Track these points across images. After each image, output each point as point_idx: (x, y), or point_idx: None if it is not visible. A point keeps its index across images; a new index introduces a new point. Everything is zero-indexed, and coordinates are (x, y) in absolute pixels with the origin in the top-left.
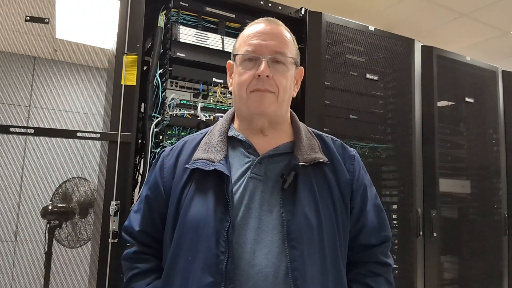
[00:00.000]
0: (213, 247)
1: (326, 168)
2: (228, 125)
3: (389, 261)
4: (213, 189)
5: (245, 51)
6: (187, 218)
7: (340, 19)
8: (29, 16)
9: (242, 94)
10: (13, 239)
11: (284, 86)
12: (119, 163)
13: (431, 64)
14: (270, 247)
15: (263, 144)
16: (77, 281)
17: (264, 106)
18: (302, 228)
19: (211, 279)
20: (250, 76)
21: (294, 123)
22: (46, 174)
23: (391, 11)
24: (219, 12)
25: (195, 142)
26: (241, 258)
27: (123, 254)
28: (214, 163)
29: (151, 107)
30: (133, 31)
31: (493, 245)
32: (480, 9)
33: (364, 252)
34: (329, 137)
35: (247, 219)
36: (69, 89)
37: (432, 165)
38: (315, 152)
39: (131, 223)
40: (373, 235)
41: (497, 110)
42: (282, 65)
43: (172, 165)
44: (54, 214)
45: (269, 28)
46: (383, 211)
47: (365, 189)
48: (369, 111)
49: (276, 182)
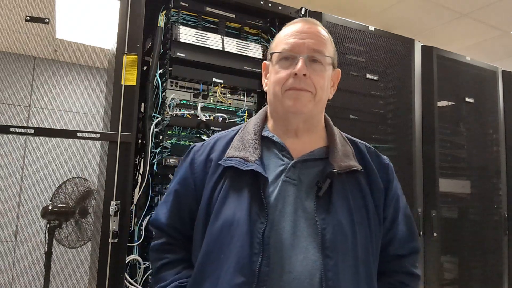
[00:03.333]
0: (247, 247)
1: (360, 176)
2: (262, 124)
3: (417, 272)
4: (248, 190)
5: (282, 49)
6: (220, 217)
7: (340, 19)
8: (29, 16)
9: (277, 92)
10: (13, 239)
11: (321, 86)
12: (119, 163)
13: (431, 64)
14: (305, 254)
15: (297, 147)
16: (77, 281)
17: (301, 104)
18: (337, 237)
19: (242, 279)
20: (286, 74)
21: (329, 127)
22: (46, 174)
23: (391, 11)
24: (219, 12)
25: (227, 139)
26: (276, 261)
27: (151, 245)
28: (249, 163)
29: (151, 107)
30: (133, 31)
31: (493, 245)
32: (480, 9)
33: (393, 262)
34: (363, 144)
35: (282, 223)
36: (69, 89)
37: (432, 165)
38: (350, 159)
39: (158, 217)
40: (402, 246)
41: (497, 110)
42: (320, 65)
43: (203, 161)
44: (54, 214)
45: (307, 27)
46: (413, 222)
47: (398, 199)
48: (369, 111)
49: (311, 188)
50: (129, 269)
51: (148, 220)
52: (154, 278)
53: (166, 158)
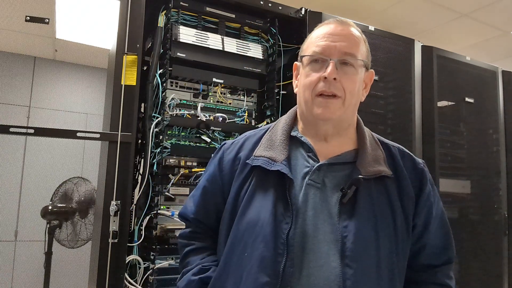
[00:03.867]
0: (271, 247)
1: (389, 182)
2: (291, 124)
3: (450, 283)
4: (274, 190)
5: (312, 52)
6: (245, 215)
7: None
8: (29, 16)
9: (307, 96)
10: (13, 239)
11: (351, 90)
12: (119, 163)
13: (431, 64)
14: (325, 260)
15: (325, 149)
16: (77, 281)
17: (330, 112)
18: (358, 246)
19: (267, 279)
20: (316, 78)
21: (360, 129)
22: (46, 174)
23: (391, 11)
24: (219, 12)
25: (256, 138)
26: (297, 264)
27: (180, 233)
28: (276, 163)
29: (151, 107)
30: (133, 31)
31: (493, 245)
32: (480, 9)
33: (424, 271)
34: (396, 147)
35: (304, 226)
36: (69, 89)
37: (432, 165)
38: (379, 164)
39: (186, 210)
40: (435, 255)
41: (497, 110)
42: (351, 68)
43: (232, 159)
44: (54, 214)
45: (340, 29)
46: (449, 229)
47: (431, 206)
48: (369, 111)
49: (335, 192)
50: (129, 269)
51: (148, 219)
52: (181, 263)
53: (166, 158)
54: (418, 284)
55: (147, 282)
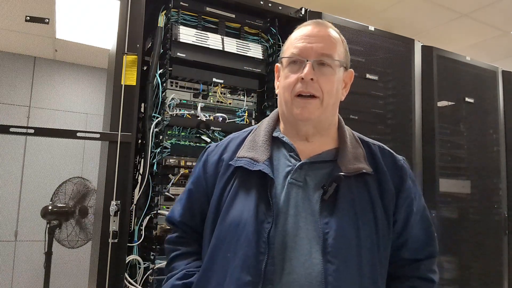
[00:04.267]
0: (254, 246)
1: (370, 179)
2: (274, 125)
3: (433, 277)
4: (256, 190)
5: (290, 53)
6: (228, 215)
7: (340, 19)
8: (29, 16)
9: (287, 97)
10: (13, 239)
11: (329, 90)
12: (119, 163)
13: (431, 64)
14: (307, 257)
15: (307, 149)
16: (77, 281)
17: (308, 112)
18: (339, 242)
19: (249, 278)
20: (294, 79)
21: (340, 129)
22: (46, 174)
23: (391, 11)
24: (219, 12)
25: (240, 139)
26: (279, 263)
27: (166, 238)
28: (258, 163)
29: (151, 107)
30: (133, 31)
31: (493, 245)
32: (480, 9)
33: (407, 266)
34: (377, 145)
35: (286, 225)
36: (69, 89)
37: (432, 165)
38: (360, 161)
39: (173, 214)
40: (417, 249)
41: (497, 110)
42: (329, 68)
43: (216, 161)
44: (54, 214)
45: (316, 31)
46: (431, 224)
47: (411, 202)
48: (369, 111)
49: (316, 190)
50: (129, 269)
51: (148, 219)
52: (167, 268)
53: (166, 158)
54: (402, 278)
55: (147, 282)
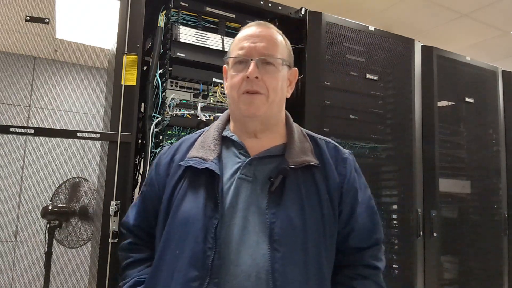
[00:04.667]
0: (201, 242)
1: (316, 171)
2: (224, 125)
3: (378, 264)
4: (205, 187)
5: (236, 54)
6: (178, 213)
7: (340, 19)
8: (29, 16)
9: (234, 96)
10: (13, 239)
11: (273, 87)
12: (119, 163)
13: (431, 64)
14: (254, 248)
15: (255, 145)
16: (77, 281)
17: (254, 108)
18: (286, 231)
19: (196, 273)
20: (240, 78)
21: (288, 125)
22: (46, 174)
23: (391, 11)
24: (219, 12)
25: (191, 140)
26: (226, 256)
27: (119, 245)
28: (206, 162)
29: (151, 107)
30: (133, 31)
31: (493, 245)
32: (480, 9)
33: (354, 254)
34: (323, 140)
35: (234, 219)
36: (69, 89)
37: (432, 165)
38: (306, 155)
39: (127, 218)
40: (363, 238)
41: (497, 110)
42: (272, 66)
43: (167, 163)
44: (54, 214)
45: (259, 31)
46: (376, 214)
47: (356, 192)
48: (369, 111)
49: (264, 184)
50: None
51: None
52: (121, 276)
53: None
54: (348, 267)
55: None
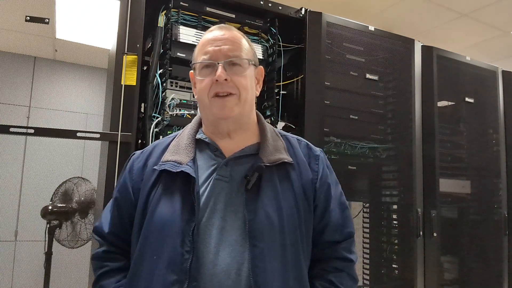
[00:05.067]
0: (178, 246)
1: (290, 168)
2: (196, 128)
3: (351, 257)
4: (180, 191)
5: (201, 59)
6: (153, 218)
7: (340, 19)
8: (29, 16)
9: (205, 100)
10: (13, 239)
11: (244, 86)
12: (119, 163)
13: (431, 64)
14: (234, 246)
15: (230, 146)
16: (77, 281)
17: (228, 110)
18: (263, 226)
19: (175, 277)
20: (209, 81)
21: (261, 124)
22: (46, 174)
23: (391, 11)
24: (219, 12)
25: (165, 145)
26: (205, 257)
27: (92, 254)
28: (181, 165)
29: (151, 107)
30: (133, 31)
31: (493, 245)
32: (480, 9)
33: (328, 248)
34: (295, 138)
35: (212, 220)
36: (69, 89)
37: (432, 165)
38: (280, 152)
39: (101, 224)
40: (336, 232)
41: (497, 110)
42: (239, 67)
43: (141, 168)
44: (54, 214)
45: (221, 34)
46: (347, 209)
47: (329, 188)
48: (369, 111)
49: (241, 183)
50: None
51: None
52: (95, 287)
53: None
54: (323, 260)
55: None
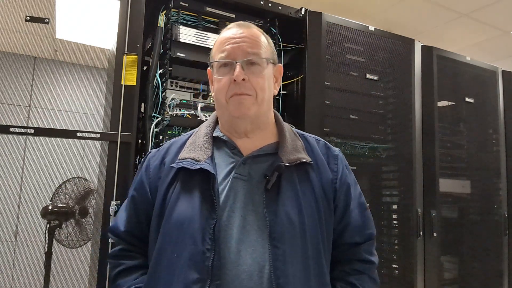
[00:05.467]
0: (200, 243)
1: (309, 168)
2: (213, 125)
3: (373, 259)
4: (199, 188)
5: (219, 57)
6: (172, 216)
7: (340, 19)
8: (29, 16)
9: (222, 100)
10: (13, 239)
11: (261, 87)
12: (119, 163)
13: (431, 64)
14: (255, 247)
15: (248, 145)
16: (77, 281)
17: (245, 109)
18: (285, 228)
19: (197, 276)
20: (226, 81)
21: (278, 123)
22: (46, 174)
23: (391, 11)
24: (219, 12)
25: (181, 142)
26: (226, 256)
27: (109, 253)
28: (199, 162)
29: (151, 107)
30: (133, 31)
31: (493, 245)
32: (480, 9)
33: (349, 250)
34: (313, 137)
35: (232, 218)
36: (69, 89)
37: (432, 165)
38: (299, 152)
39: (117, 224)
40: (357, 233)
41: (497, 110)
42: (257, 66)
43: (157, 166)
44: (54, 214)
45: (240, 32)
46: (367, 209)
47: (349, 188)
48: (369, 111)
49: (260, 182)
50: None
51: None
52: (112, 286)
53: None
54: (343, 262)
55: None
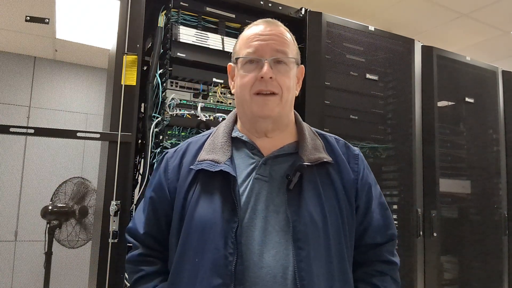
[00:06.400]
0: (222, 248)
1: (330, 168)
2: (232, 126)
3: (395, 260)
4: (220, 190)
5: (246, 53)
6: (193, 219)
7: (340, 19)
8: (29, 16)
9: (246, 96)
10: (13, 239)
11: (287, 86)
12: (119, 163)
13: (431, 64)
14: (278, 248)
15: (267, 145)
16: (77, 281)
17: (268, 109)
18: (308, 228)
19: (220, 281)
20: (252, 78)
21: (298, 123)
22: (46, 174)
23: (391, 11)
24: (219, 12)
25: (199, 143)
26: (249, 259)
27: (127, 257)
28: (219, 164)
29: (151, 107)
30: (133, 31)
31: (493, 245)
32: (480, 9)
33: (370, 251)
34: (333, 137)
35: (254, 220)
36: (69, 89)
37: (432, 165)
38: (320, 152)
39: (136, 226)
40: (378, 234)
41: (497, 110)
42: (284, 65)
43: (176, 167)
44: (54, 214)
45: (269, 29)
46: (388, 209)
47: (370, 188)
48: (369, 111)
49: (282, 182)
50: None
51: None
52: None
53: None
54: (365, 263)
55: None
